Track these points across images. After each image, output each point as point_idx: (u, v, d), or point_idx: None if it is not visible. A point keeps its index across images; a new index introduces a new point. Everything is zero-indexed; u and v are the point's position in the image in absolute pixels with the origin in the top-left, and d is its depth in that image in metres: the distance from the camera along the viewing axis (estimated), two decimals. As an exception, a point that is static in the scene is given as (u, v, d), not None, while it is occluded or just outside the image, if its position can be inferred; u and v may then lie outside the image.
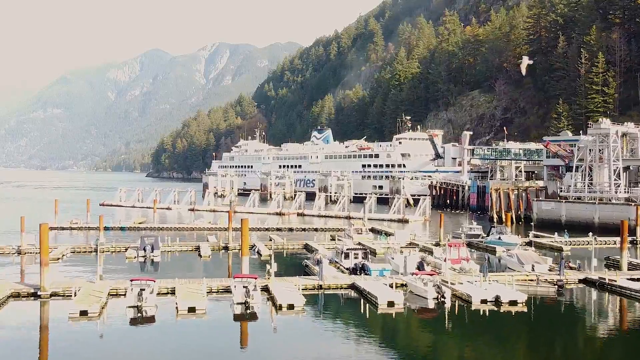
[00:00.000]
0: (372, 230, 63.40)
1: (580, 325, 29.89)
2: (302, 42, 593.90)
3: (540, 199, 75.29)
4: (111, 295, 32.42)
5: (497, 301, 31.42)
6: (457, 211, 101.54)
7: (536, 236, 58.55)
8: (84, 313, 28.15)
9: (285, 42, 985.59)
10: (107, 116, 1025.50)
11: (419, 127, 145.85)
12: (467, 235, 57.71)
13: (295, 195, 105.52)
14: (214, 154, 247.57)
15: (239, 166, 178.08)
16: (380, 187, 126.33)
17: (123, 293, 31.82)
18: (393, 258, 40.73)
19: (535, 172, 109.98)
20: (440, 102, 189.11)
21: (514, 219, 78.41)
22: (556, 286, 34.75)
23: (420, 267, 37.36)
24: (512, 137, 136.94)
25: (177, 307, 29.39)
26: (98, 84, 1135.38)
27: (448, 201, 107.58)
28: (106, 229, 66.69)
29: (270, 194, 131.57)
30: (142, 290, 30.08)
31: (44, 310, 30.52)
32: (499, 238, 51.98)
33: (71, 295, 30.93)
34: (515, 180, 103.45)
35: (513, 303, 31.23)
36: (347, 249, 38.74)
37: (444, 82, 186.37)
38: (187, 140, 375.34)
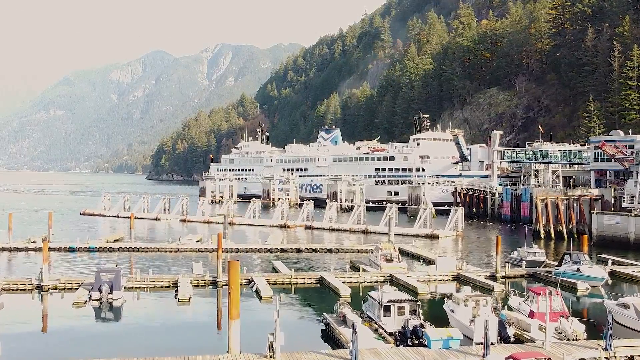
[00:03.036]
0: (401, 251, 50.31)
1: None
2: (305, 43, 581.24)
3: (601, 211, 62.25)
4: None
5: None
6: (486, 222, 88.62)
7: (615, 264, 45.59)
8: None
9: (288, 43, 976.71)
10: (110, 117, 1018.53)
11: (438, 126, 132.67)
12: (528, 262, 44.71)
13: (301, 202, 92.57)
14: (210, 156, 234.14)
15: (239, 169, 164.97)
16: (396, 194, 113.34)
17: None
18: (453, 311, 27.84)
19: (573, 176, 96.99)
20: (456, 100, 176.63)
21: (565, 235, 65.42)
22: None
23: (501, 331, 24.55)
24: (538, 136, 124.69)
25: None
26: (100, 86, 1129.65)
27: (474, 210, 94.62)
28: (70, 249, 54.36)
29: (273, 201, 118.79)
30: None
31: None
32: (578, 270, 38.91)
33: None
34: (553, 185, 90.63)
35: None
36: (387, 301, 25.89)
37: (459, 79, 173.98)
38: (187, 142, 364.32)
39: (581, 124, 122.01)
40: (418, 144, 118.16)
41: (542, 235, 66.20)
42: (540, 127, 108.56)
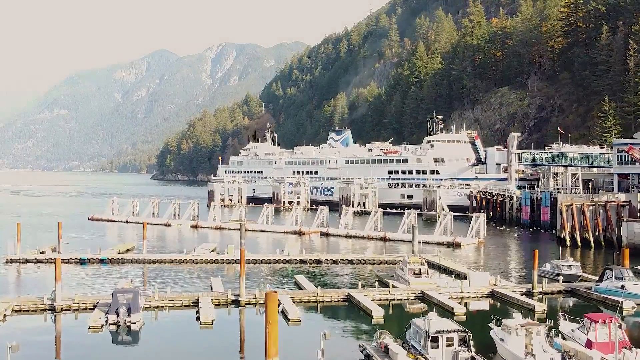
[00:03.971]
0: (427, 264, 47.91)
1: None
2: (309, 42, 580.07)
3: (630, 218, 59.82)
4: None
5: None
6: (504, 227, 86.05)
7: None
8: None
9: (291, 42, 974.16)
10: (114, 117, 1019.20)
11: (452, 127, 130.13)
12: (564, 276, 42.34)
13: (314, 207, 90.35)
14: (219, 157, 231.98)
15: (248, 171, 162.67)
16: (410, 197, 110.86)
17: None
18: (503, 340, 25.63)
19: (592, 179, 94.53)
20: (466, 100, 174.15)
21: (592, 243, 63.05)
22: None
23: (563, 366, 22.38)
24: (551, 137, 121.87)
25: None
26: (105, 85, 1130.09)
27: (492, 214, 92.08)
28: (81, 261, 52.35)
29: (284, 204, 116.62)
30: None
31: None
32: (622, 287, 36.52)
33: None
34: (573, 188, 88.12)
35: None
36: (435, 331, 23.73)
37: (469, 78, 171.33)
38: (192, 141, 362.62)
39: (596, 124, 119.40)
40: (432, 145, 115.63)
41: (568, 243, 63.82)
42: (559, 128, 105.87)
